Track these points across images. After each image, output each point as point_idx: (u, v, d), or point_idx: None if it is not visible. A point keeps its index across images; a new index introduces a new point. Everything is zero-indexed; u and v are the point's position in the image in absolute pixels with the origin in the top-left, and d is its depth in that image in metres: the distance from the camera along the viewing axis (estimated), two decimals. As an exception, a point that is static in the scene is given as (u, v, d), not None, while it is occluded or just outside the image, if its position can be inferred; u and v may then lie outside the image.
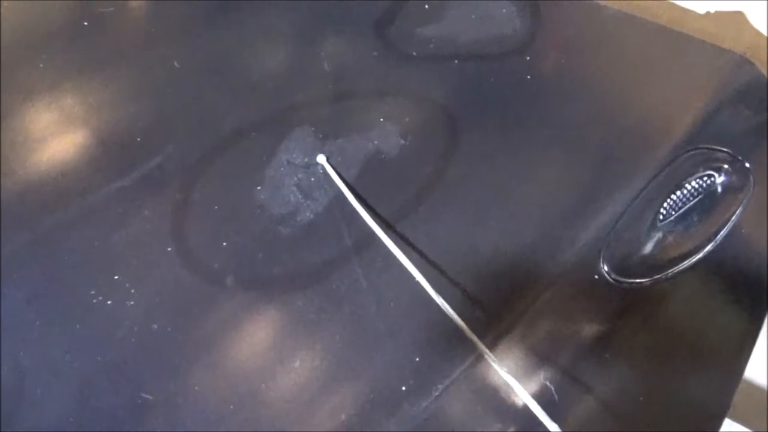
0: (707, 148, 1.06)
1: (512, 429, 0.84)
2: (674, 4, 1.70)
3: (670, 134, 1.07)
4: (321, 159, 0.97)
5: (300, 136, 1.01)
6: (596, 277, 0.92)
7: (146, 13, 1.25)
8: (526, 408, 0.76)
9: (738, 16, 1.76)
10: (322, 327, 0.86)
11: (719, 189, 1.04)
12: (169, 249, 0.90)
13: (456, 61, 1.14)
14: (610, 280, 0.93)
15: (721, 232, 1.02)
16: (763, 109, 1.15)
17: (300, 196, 0.94)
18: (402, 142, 1.01)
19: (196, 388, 0.81)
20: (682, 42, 1.24)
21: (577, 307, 0.93)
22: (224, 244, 0.90)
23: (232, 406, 0.80)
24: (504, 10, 1.24)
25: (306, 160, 0.98)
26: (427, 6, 1.23)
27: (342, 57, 1.14)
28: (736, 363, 0.98)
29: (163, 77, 1.11)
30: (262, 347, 0.84)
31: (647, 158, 1.03)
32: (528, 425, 0.82)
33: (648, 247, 0.99)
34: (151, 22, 1.22)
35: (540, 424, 0.74)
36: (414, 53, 1.15)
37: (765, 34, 1.62)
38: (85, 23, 1.20)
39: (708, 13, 1.77)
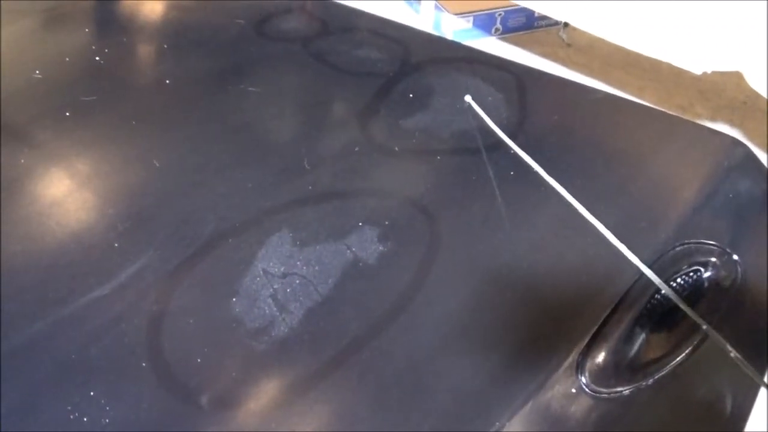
0: (695, 243, 1.05)
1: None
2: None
3: (657, 229, 1.06)
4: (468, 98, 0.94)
5: (278, 242, 1.00)
6: (573, 390, 0.91)
7: (128, 105, 1.25)
8: None
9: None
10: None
11: (705, 284, 1.03)
12: (144, 364, 0.88)
13: (439, 157, 1.13)
14: (589, 392, 0.91)
15: (704, 331, 1.00)
16: (750, 197, 1.14)
17: (275, 309, 0.93)
18: (381, 248, 1.00)
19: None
20: (673, 125, 1.23)
21: (554, 424, 0.91)
22: (199, 360, 0.89)
23: None
24: (490, 98, 1.23)
25: (283, 269, 0.97)
26: (411, 95, 1.23)
27: (323, 153, 1.14)
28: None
29: (142, 177, 1.10)
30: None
31: (636, 255, 1.02)
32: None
33: (629, 353, 0.97)
34: (132, 116, 1.21)
35: None
36: (396, 148, 1.14)
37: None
38: (67, 113, 1.19)
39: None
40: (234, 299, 0.94)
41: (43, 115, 1.24)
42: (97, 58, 1.38)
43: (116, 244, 1.00)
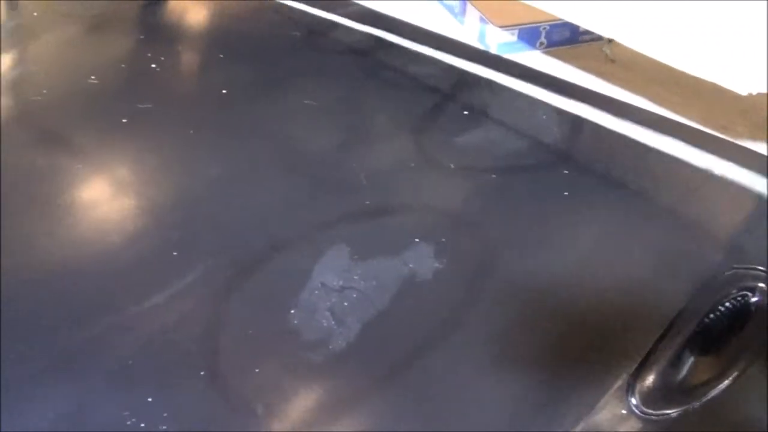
0: (744, 268, 1.05)
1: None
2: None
3: (705, 253, 1.06)
4: None
5: (335, 255, 1.01)
6: (623, 412, 0.91)
7: (184, 113, 1.26)
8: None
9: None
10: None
11: (752, 308, 1.03)
12: (202, 373, 0.89)
13: (494, 175, 1.14)
14: (638, 414, 0.91)
15: (754, 353, 1.00)
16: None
17: (333, 322, 0.94)
18: (436, 264, 1.01)
19: None
20: (721, 148, 1.24)
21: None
22: (256, 370, 0.90)
23: None
24: (544, 117, 1.23)
25: (340, 283, 0.98)
26: (466, 112, 1.23)
27: (379, 168, 1.14)
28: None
29: (199, 186, 1.11)
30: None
31: (683, 282, 1.02)
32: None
33: (678, 375, 0.97)
34: (188, 125, 1.22)
35: None
36: (451, 165, 1.15)
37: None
38: (124, 120, 1.21)
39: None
40: (292, 311, 0.95)
41: (100, 120, 1.25)
42: (153, 65, 1.39)
43: (173, 253, 1.01)
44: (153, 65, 1.40)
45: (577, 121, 1.28)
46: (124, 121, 1.24)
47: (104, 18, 1.59)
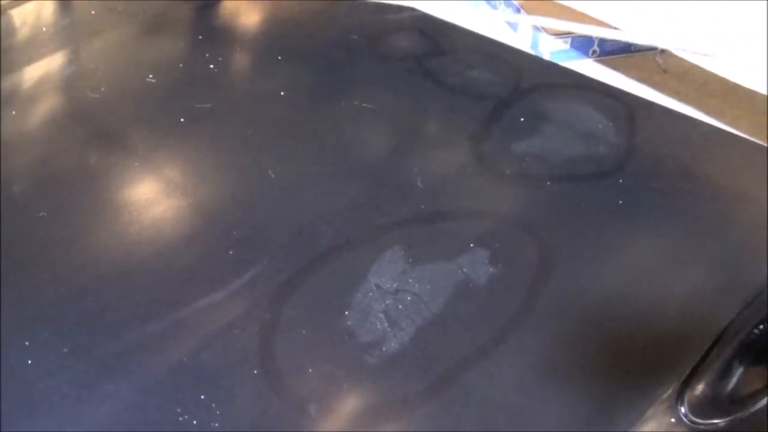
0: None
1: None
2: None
3: (758, 267, 1.06)
4: None
5: (391, 258, 1.02)
6: (672, 420, 0.91)
7: (243, 114, 1.27)
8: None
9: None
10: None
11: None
12: (255, 372, 0.90)
13: (549, 183, 1.14)
14: (687, 422, 0.91)
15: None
16: None
17: (387, 324, 0.94)
18: (491, 270, 1.01)
19: None
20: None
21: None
22: (310, 370, 0.91)
23: None
24: (600, 126, 1.24)
25: (395, 285, 0.98)
26: (522, 119, 1.24)
27: (436, 173, 1.15)
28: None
29: (257, 186, 1.12)
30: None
31: (734, 294, 1.02)
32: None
33: (727, 385, 0.97)
34: (247, 125, 1.24)
35: None
36: (507, 171, 1.16)
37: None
38: (182, 119, 1.22)
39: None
40: (347, 312, 0.96)
41: (158, 120, 1.27)
42: (211, 66, 1.41)
43: (231, 252, 1.03)
44: (211, 65, 1.41)
45: (632, 130, 1.27)
46: (181, 120, 1.25)
47: (161, 18, 1.61)
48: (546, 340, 0.96)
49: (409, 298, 0.98)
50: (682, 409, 0.91)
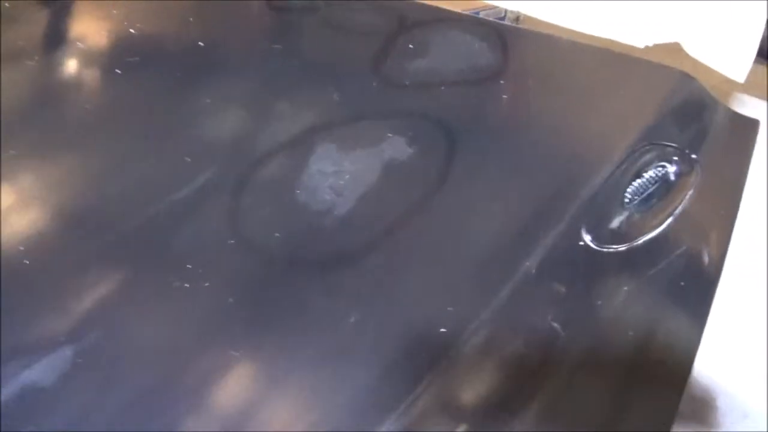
0: (659, 144, 1.29)
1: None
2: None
3: (627, 136, 1.29)
4: None
5: (325, 150, 1.22)
6: (581, 243, 1.13)
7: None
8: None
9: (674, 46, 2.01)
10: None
11: (672, 177, 1.26)
12: (231, 242, 1.09)
13: (442, 87, 1.36)
14: (594, 246, 1.14)
15: (677, 210, 1.24)
16: (701, 113, 1.39)
17: (334, 195, 1.14)
18: (409, 150, 1.22)
19: (275, 343, 0.98)
20: (631, 64, 1.48)
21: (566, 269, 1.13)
22: (277, 234, 1.10)
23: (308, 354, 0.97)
24: (477, 45, 1.46)
25: (334, 169, 1.19)
26: (411, 46, 1.46)
27: (347, 88, 1.36)
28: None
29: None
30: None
31: (610, 154, 1.25)
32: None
33: (620, 224, 1.20)
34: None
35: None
36: (407, 82, 1.37)
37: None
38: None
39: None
40: (298, 191, 1.16)
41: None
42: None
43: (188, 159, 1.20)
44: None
45: (504, 46, 1.51)
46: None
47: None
48: (462, 196, 1.18)
49: (347, 176, 1.18)
50: (588, 237, 1.13)
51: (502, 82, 1.39)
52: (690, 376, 1.24)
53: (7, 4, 1.69)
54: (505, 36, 1.53)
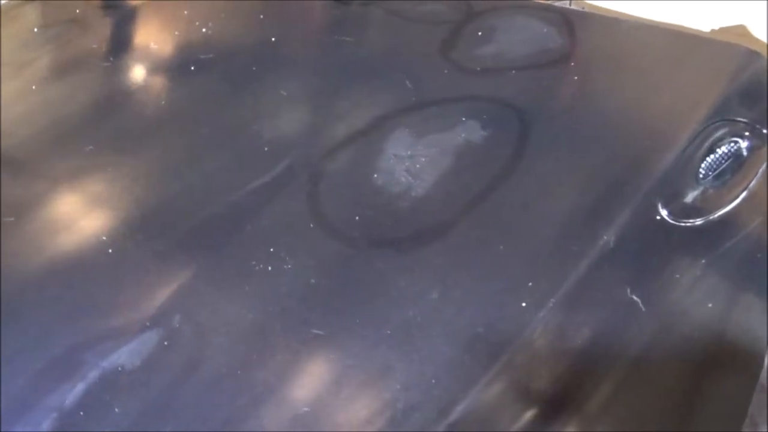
0: (731, 120, 1.29)
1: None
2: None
3: (698, 112, 1.30)
4: None
5: (399, 136, 1.24)
6: (658, 218, 1.14)
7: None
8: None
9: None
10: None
11: (744, 152, 1.27)
12: (311, 225, 1.12)
13: (513, 72, 1.38)
14: (671, 220, 1.15)
15: (751, 184, 1.24)
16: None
17: (411, 178, 1.16)
18: (483, 133, 1.24)
19: (357, 321, 1.01)
20: (698, 43, 1.48)
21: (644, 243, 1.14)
22: (357, 218, 1.12)
23: (389, 331, 0.99)
24: (545, 30, 1.48)
25: (409, 152, 1.21)
26: (480, 33, 1.48)
27: (419, 76, 1.38)
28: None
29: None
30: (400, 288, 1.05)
31: (682, 131, 1.25)
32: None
33: (695, 199, 1.21)
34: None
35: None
36: (478, 68, 1.39)
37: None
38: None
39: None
40: (375, 175, 1.19)
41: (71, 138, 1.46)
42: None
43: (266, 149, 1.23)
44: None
45: (571, 31, 1.52)
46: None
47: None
48: (538, 173, 1.19)
49: (423, 159, 1.20)
50: (665, 212, 1.14)
51: (572, 64, 1.39)
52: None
53: (77, 11, 1.75)
54: (572, 20, 1.53)
